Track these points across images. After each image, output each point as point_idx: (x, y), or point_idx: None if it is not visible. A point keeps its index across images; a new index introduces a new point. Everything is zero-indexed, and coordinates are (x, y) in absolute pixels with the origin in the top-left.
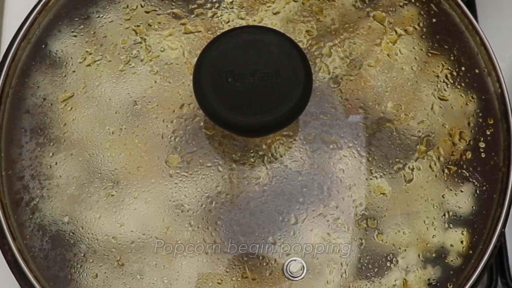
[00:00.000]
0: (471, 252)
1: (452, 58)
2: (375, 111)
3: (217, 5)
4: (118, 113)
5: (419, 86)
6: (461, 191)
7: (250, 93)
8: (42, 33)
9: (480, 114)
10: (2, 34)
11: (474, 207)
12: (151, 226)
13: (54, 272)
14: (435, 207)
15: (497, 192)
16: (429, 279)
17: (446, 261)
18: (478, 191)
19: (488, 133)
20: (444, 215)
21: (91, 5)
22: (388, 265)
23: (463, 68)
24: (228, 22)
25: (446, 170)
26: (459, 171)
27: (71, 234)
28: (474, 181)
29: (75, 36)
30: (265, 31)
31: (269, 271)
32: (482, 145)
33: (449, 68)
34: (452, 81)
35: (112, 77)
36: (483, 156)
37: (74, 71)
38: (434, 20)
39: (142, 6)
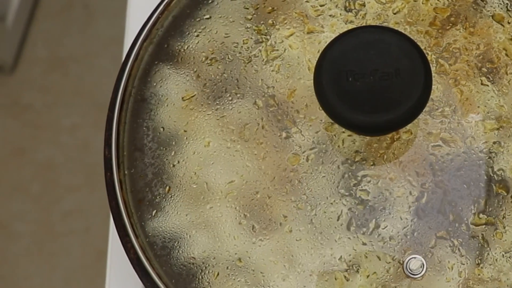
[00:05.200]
0: None
1: None
2: (494, 111)
3: (337, 4)
4: (240, 113)
5: None
6: None
7: (370, 92)
8: (164, 33)
9: None
10: (125, 34)
11: None
12: None
13: (176, 270)
14: None
15: None
16: None
17: None
18: None
19: None
20: None
21: (212, 5)
22: (507, 263)
23: None
24: (348, 22)
25: None
26: None
27: (192, 232)
28: None
29: (197, 35)
30: (385, 31)
31: (388, 269)
32: None
33: None
34: None
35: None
36: None
37: (195, 71)
38: None
39: (264, 6)
